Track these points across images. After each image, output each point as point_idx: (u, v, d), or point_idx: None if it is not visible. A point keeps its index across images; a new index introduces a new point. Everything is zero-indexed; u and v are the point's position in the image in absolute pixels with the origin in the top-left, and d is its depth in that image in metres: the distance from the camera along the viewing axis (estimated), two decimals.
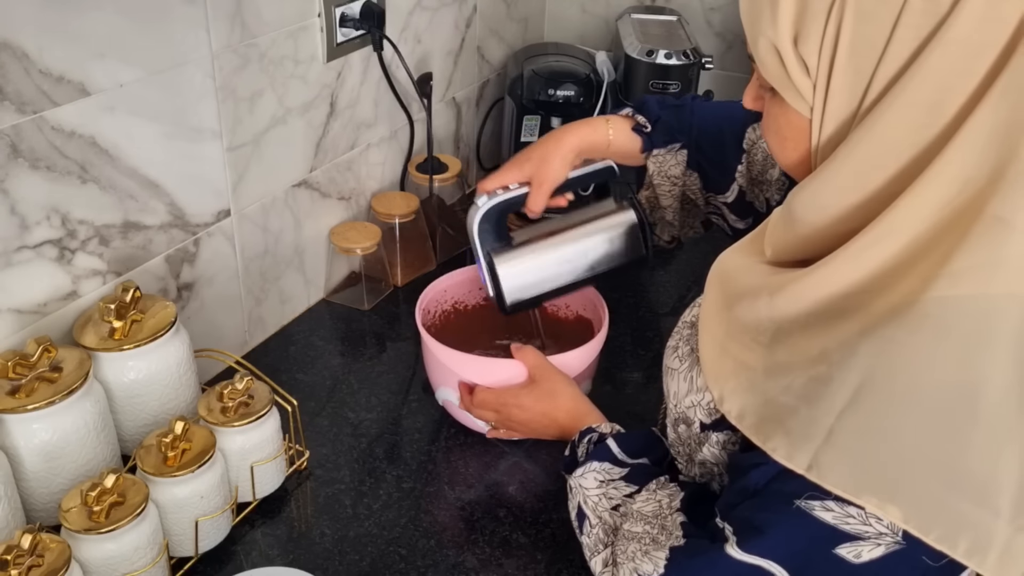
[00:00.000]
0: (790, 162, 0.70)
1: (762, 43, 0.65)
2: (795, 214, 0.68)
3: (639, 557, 0.75)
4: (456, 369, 1.04)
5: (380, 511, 0.99)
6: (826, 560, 0.64)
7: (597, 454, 0.88)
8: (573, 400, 0.99)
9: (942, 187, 0.60)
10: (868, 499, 0.62)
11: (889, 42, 0.60)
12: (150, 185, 1.01)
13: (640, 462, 0.86)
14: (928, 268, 0.60)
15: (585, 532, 0.84)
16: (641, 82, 1.42)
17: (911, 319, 0.61)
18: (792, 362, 0.67)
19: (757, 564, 0.66)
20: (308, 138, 1.24)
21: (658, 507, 0.78)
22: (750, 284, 0.73)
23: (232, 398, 0.94)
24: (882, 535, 0.62)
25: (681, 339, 0.84)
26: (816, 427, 0.64)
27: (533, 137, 1.57)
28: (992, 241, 0.59)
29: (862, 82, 0.62)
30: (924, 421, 0.61)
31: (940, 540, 0.61)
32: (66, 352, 0.89)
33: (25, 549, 0.75)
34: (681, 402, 0.80)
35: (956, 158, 0.59)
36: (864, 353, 0.62)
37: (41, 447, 0.86)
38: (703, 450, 0.78)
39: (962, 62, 0.58)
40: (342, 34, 1.22)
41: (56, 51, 0.86)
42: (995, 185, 0.58)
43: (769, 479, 0.67)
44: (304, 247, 1.29)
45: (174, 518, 0.88)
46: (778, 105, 0.68)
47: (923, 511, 0.61)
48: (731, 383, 0.72)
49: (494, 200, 1.03)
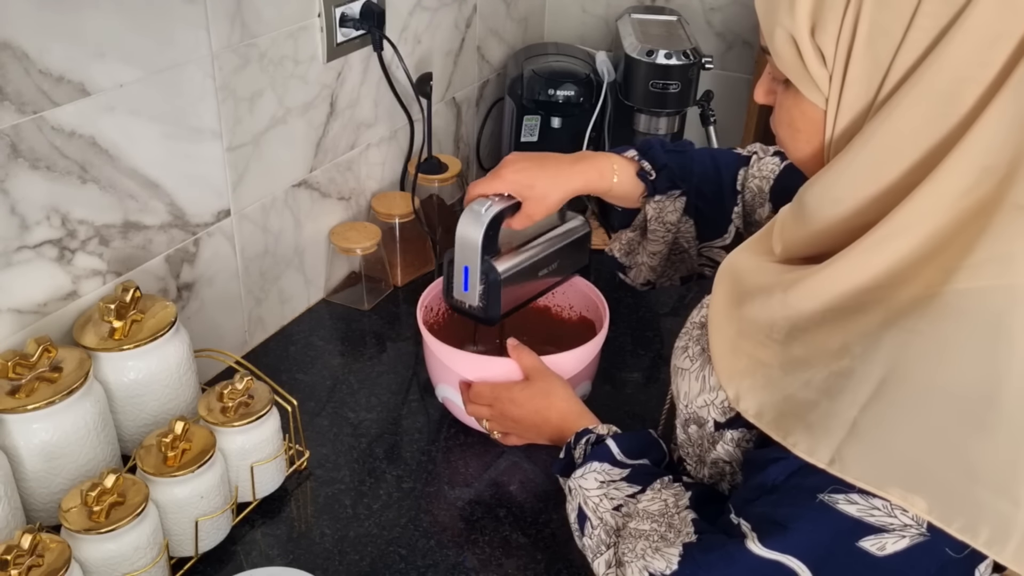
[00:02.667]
0: (803, 155, 0.70)
1: (779, 33, 0.65)
2: (807, 208, 0.68)
3: (649, 555, 0.74)
4: (454, 366, 1.04)
5: (380, 511, 0.99)
6: (849, 554, 0.64)
7: (596, 455, 0.87)
8: (567, 401, 0.99)
9: (961, 177, 0.59)
10: (893, 491, 0.62)
11: (908, 31, 0.60)
12: (150, 185, 1.01)
13: (641, 463, 0.86)
14: (949, 260, 0.60)
15: (587, 534, 0.84)
16: (641, 82, 1.42)
17: (934, 310, 0.61)
18: (810, 357, 0.66)
19: (778, 560, 0.66)
20: (308, 138, 1.24)
21: (664, 506, 0.78)
22: (761, 282, 0.73)
23: (232, 398, 0.94)
24: (907, 527, 0.62)
25: (691, 339, 0.83)
26: (838, 420, 0.63)
27: (533, 137, 1.57)
28: (1015, 230, 0.59)
29: (879, 72, 0.61)
30: (948, 412, 0.61)
31: (962, 530, 0.61)
32: (66, 352, 0.89)
33: (25, 549, 0.75)
34: (693, 402, 0.79)
35: (975, 148, 0.59)
36: (887, 345, 0.62)
37: (41, 447, 0.86)
38: (717, 448, 0.77)
39: (980, 52, 0.58)
40: (342, 34, 1.22)
41: (56, 51, 0.86)
42: (1016, 174, 0.58)
43: (789, 474, 0.66)
44: (304, 247, 1.29)
45: (174, 518, 0.88)
46: (792, 97, 0.68)
47: (946, 502, 0.61)
48: (747, 381, 0.72)
49: (494, 209, 1.00)
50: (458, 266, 1.01)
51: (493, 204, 0.99)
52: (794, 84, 0.67)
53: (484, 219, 0.98)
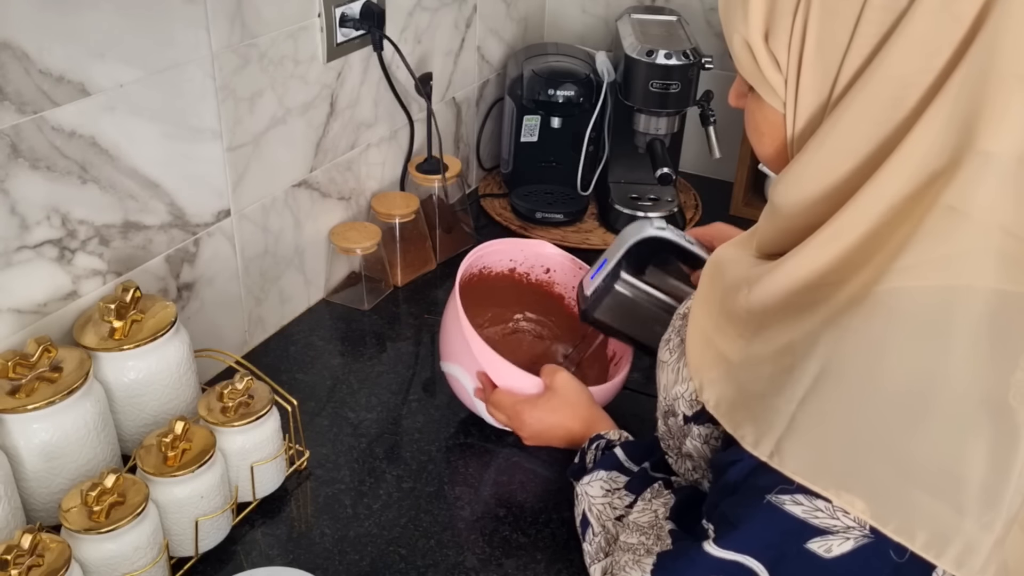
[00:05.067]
0: (768, 155, 0.73)
1: (736, 40, 0.68)
2: (774, 203, 0.71)
3: (629, 566, 0.76)
4: (480, 360, 1.01)
5: (380, 511, 0.99)
6: (799, 555, 0.64)
7: (604, 462, 0.88)
8: (589, 409, 0.99)
9: (900, 178, 0.61)
10: (826, 487, 0.62)
11: (853, 37, 0.62)
12: (150, 185, 1.01)
13: (643, 467, 0.87)
14: (883, 259, 0.62)
15: (588, 539, 0.85)
16: (641, 82, 1.42)
17: (866, 308, 0.62)
18: (764, 354, 0.68)
19: (735, 560, 0.67)
20: (308, 138, 1.24)
21: (654, 517, 0.79)
22: (738, 275, 0.75)
23: (232, 398, 0.94)
24: (850, 529, 0.63)
25: (673, 331, 0.85)
26: (779, 415, 0.65)
27: (533, 137, 1.57)
28: (944, 231, 0.60)
29: (829, 77, 0.64)
30: (881, 409, 0.62)
31: (898, 531, 0.61)
32: (66, 352, 0.89)
33: (25, 549, 0.75)
34: (669, 394, 0.81)
35: (914, 151, 0.61)
36: (824, 342, 0.63)
37: (41, 447, 0.86)
38: (687, 442, 0.79)
39: (920, 58, 0.60)
40: (342, 34, 1.22)
41: (56, 51, 0.86)
42: (950, 175, 0.60)
43: (746, 475, 0.67)
44: (304, 247, 1.29)
45: (174, 518, 0.88)
46: (755, 101, 0.71)
47: (881, 501, 0.61)
48: (711, 373, 0.74)
49: (667, 232, 1.00)
50: (604, 256, 1.03)
51: (669, 229, 1.01)
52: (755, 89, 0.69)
53: (649, 231, 1.00)
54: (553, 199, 1.58)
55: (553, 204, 1.57)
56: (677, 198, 1.58)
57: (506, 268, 1.18)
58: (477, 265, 1.14)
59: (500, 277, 1.18)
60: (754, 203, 1.60)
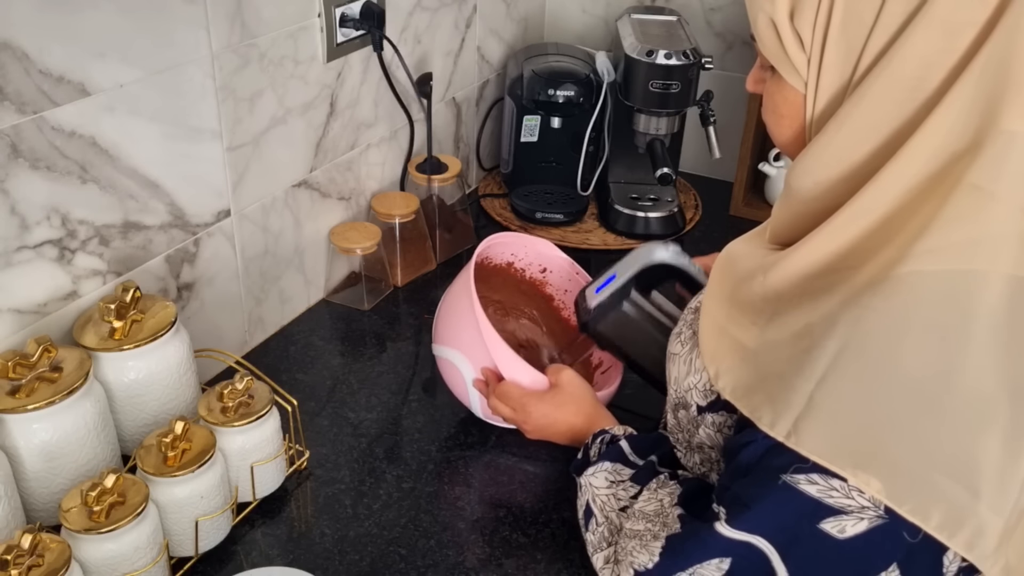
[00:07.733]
0: (786, 139, 0.73)
1: (761, 19, 0.68)
2: (791, 188, 0.71)
3: (636, 551, 0.76)
4: (492, 351, 1.00)
5: (380, 511, 0.99)
6: (812, 536, 0.64)
7: (609, 454, 0.89)
8: (593, 407, 0.99)
9: (921, 160, 0.62)
10: (843, 466, 0.62)
11: (878, 17, 0.62)
12: (150, 185, 1.01)
13: (648, 460, 0.87)
14: (904, 241, 0.62)
15: (590, 529, 0.85)
16: (641, 82, 1.42)
17: (886, 288, 0.62)
18: (781, 338, 0.68)
19: (745, 540, 0.67)
20: (308, 138, 1.24)
21: (660, 506, 0.79)
22: (750, 266, 0.75)
23: (232, 398, 0.94)
24: (864, 509, 0.63)
25: (684, 324, 0.86)
26: (797, 395, 0.65)
27: (533, 137, 1.57)
28: (969, 210, 0.60)
29: (852, 56, 0.64)
30: (899, 390, 0.62)
31: (913, 512, 0.61)
32: (66, 352, 0.89)
33: (25, 549, 0.75)
34: (680, 386, 0.82)
35: (936, 131, 0.61)
36: (843, 322, 0.64)
37: (41, 447, 0.86)
38: (699, 432, 0.79)
39: (944, 39, 0.60)
40: (342, 34, 1.22)
41: (56, 51, 0.86)
42: (973, 155, 0.60)
43: (760, 456, 0.67)
44: (304, 247, 1.29)
45: (174, 518, 0.88)
46: (776, 83, 0.71)
47: (897, 481, 0.62)
48: (727, 361, 0.74)
49: (681, 259, 1.00)
50: (613, 271, 1.02)
51: (684, 256, 1.01)
52: (777, 70, 0.69)
53: (663, 255, 1.00)
54: (553, 199, 1.58)
55: (553, 204, 1.57)
56: (677, 198, 1.58)
57: (505, 261, 1.18)
58: (484, 254, 1.14)
59: (498, 269, 1.18)
60: (754, 203, 1.61)
